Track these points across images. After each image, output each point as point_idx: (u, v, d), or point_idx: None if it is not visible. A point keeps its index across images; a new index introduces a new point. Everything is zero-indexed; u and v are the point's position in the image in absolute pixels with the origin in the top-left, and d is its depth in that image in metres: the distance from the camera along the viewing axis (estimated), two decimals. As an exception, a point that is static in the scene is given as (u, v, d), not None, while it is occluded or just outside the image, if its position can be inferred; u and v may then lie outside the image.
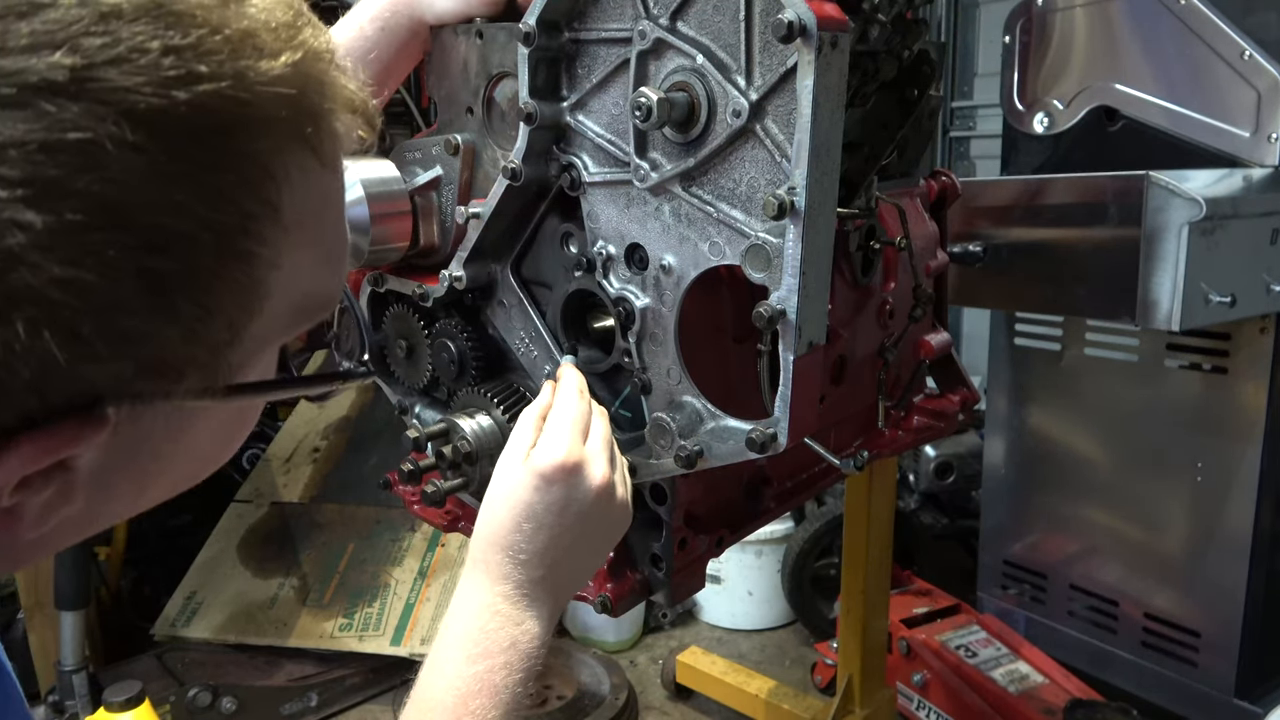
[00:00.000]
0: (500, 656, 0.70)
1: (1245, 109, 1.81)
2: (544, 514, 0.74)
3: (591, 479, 0.75)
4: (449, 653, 0.71)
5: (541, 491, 0.74)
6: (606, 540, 0.80)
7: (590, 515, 0.75)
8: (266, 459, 3.10)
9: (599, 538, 0.78)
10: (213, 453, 0.50)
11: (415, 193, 1.01)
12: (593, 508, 0.75)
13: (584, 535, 0.76)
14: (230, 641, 2.55)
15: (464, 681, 0.69)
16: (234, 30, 0.37)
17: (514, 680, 0.70)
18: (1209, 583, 2.02)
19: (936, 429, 1.38)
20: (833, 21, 0.73)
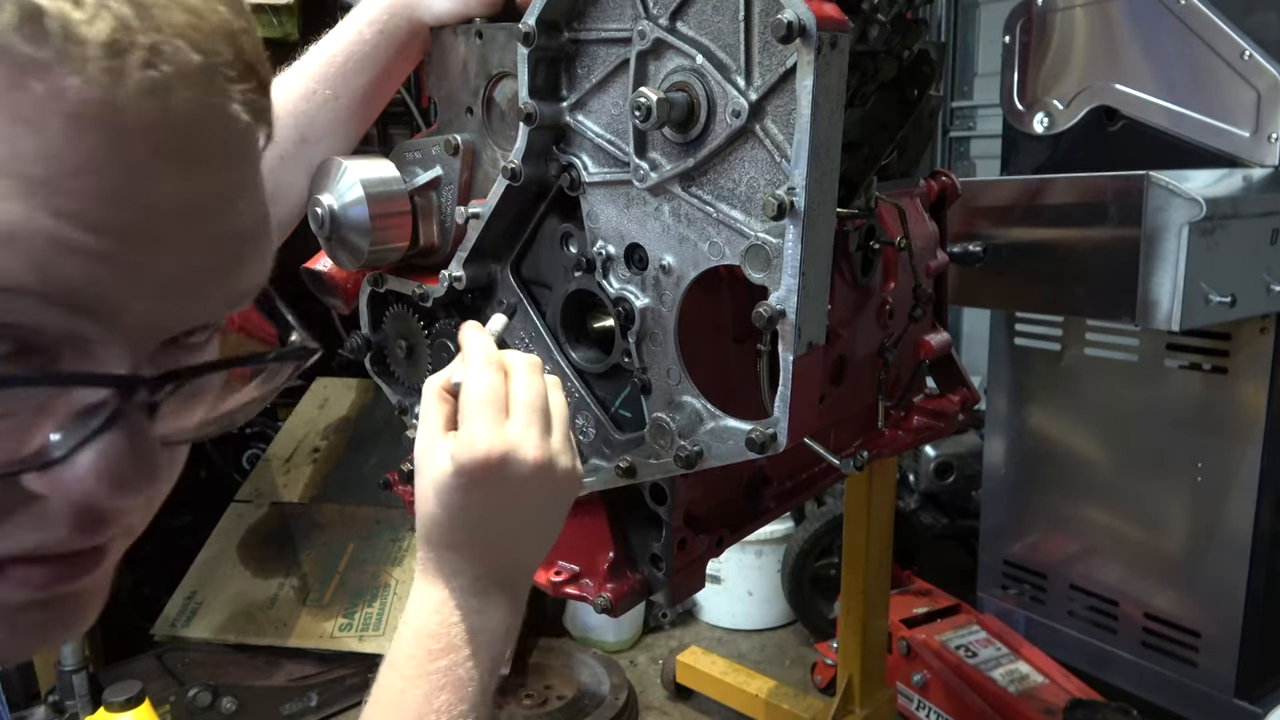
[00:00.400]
0: (464, 650, 0.68)
1: (1245, 109, 1.81)
2: (476, 513, 0.69)
3: (523, 463, 0.68)
4: (409, 650, 0.68)
5: (470, 492, 0.68)
6: (557, 514, 0.74)
7: (530, 500, 0.70)
8: (266, 459, 3.10)
9: (547, 516, 0.74)
10: None
11: (415, 193, 1.01)
12: (533, 492, 0.69)
13: (530, 519, 0.72)
14: (230, 641, 2.55)
15: (427, 678, 0.66)
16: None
17: (480, 672, 0.68)
18: (1209, 583, 2.02)
19: (936, 429, 1.38)
20: (832, 21, 0.73)
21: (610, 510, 1.00)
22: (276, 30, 2.75)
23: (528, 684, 2.61)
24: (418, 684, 0.66)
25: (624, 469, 0.90)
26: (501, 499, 0.69)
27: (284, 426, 3.22)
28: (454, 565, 0.70)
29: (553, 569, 1.06)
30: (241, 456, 3.18)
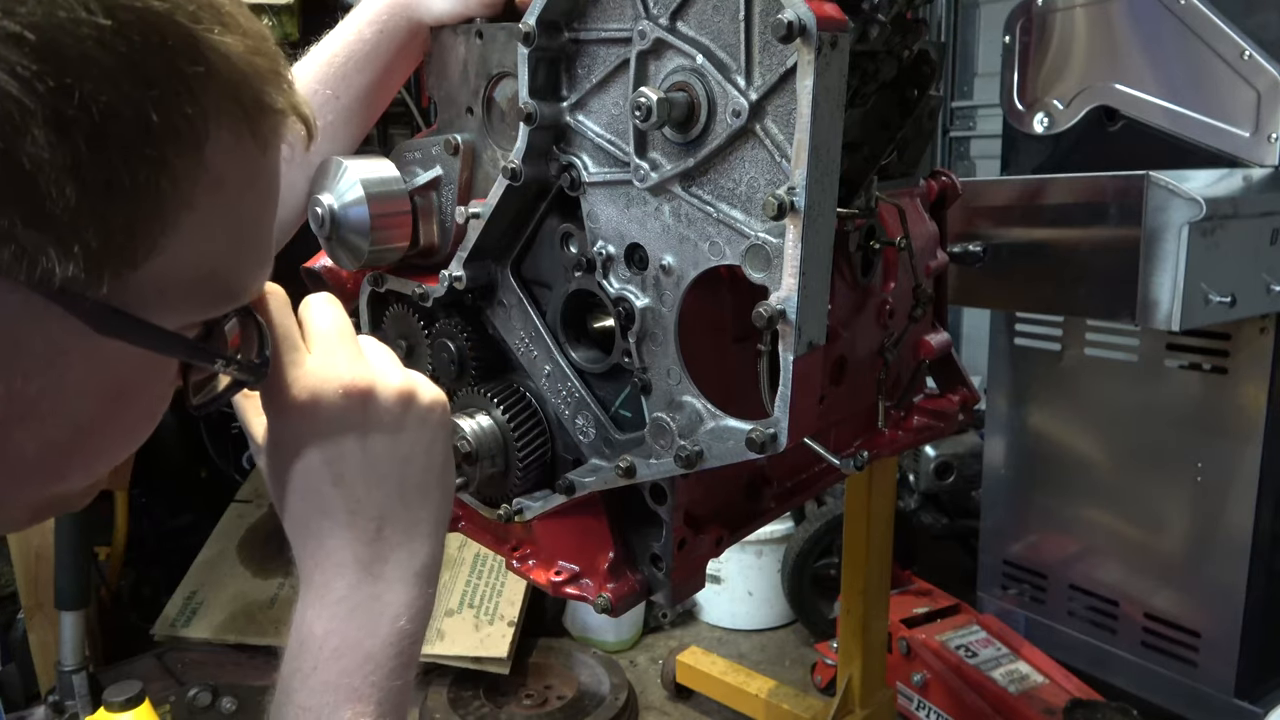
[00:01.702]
0: (360, 649, 0.58)
1: (1245, 109, 1.81)
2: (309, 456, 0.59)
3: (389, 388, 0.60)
4: (296, 664, 0.58)
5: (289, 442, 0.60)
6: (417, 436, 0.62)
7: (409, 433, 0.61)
8: (266, 459, 3.10)
9: (431, 450, 0.63)
10: (92, 421, 0.47)
11: (415, 193, 1.01)
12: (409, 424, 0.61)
13: (412, 458, 0.61)
14: (230, 641, 2.55)
15: (318, 694, 0.57)
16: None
17: (387, 671, 0.58)
18: (1209, 583, 2.02)
19: (936, 429, 1.38)
20: (832, 21, 0.73)
21: (610, 510, 1.00)
22: (276, 30, 2.75)
23: (528, 684, 2.61)
24: (310, 702, 0.57)
25: (624, 469, 0.90)
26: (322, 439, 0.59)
27: (284, 426, 3.21)
28: (329, 552, 0.60)
29: (553, 569, 1.06)
30: (241, 456, 3.19)
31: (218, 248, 0.47)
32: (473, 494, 1.05)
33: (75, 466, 0.49)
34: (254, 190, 0.48)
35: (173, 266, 0.44)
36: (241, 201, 0.47)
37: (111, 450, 0.50)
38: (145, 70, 0.40)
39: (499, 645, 2.54)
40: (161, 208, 0.42)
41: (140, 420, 0.50)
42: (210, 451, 3.17)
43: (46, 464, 0.47)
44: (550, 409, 1.00)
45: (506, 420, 0.99)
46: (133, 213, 0.41)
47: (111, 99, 0.39)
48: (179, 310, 0.47)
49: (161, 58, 0.41)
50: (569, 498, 0.97)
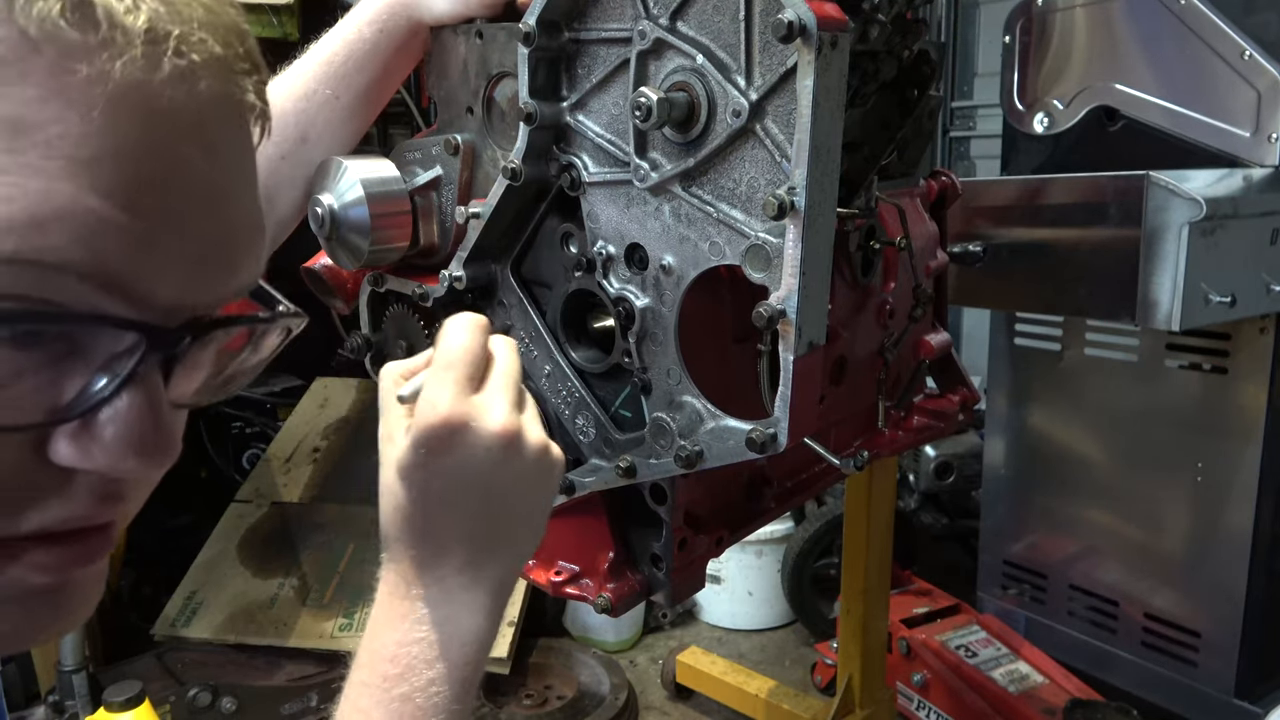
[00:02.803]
0: (424, 673, 0.59)
1: (1245, 109, 1.81)
2: (438, 491, 0.61)
3: (489, 432, 0.61)
4: (362, 676, 0.61)
5: (428, 466, 0.61)
6: (534, 496, 0.66)
7: (500, 475, 0.62)
8: (266, 459, 3.10)
9: (522, 497, 0.65)
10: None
11: (415, 193, 1.01)
12: (501, 466, 0.62)
13: (503, 500, 0.63)
14: (230, 641, 2.55)
15: (382, 710, 0.59)
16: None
17: (446, 697, 0.60)
18: (1209, 583, 2.02)
19: (936, 429, 1.38)
20: (833, 21, 0.73)
21: (610, 510, 1.00)
22: (276, 30, 2.75)
23: (528, 684, 2.61)
24: (372, 716, 0.59)
25: (624, 469, 0.90)
26: (464, 472, 0.61)
27: (284, 426, 3.22)
28: (417, 567, 0.62)
29: (553, 569, 1.06)
30: (241, 456, 3.19)
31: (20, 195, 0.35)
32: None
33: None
34: (52, 93, 0.35)
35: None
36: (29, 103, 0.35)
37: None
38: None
39: (499, 645, 2.54)
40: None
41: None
42: (210, 451, 3.17)
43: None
44: (550, 409, 1.00)
45: (506, 420, 0.98)
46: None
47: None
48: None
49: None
50: (569, 498, 0.97)
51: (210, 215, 0.41)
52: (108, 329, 0.38)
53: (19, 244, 0.34)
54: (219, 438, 3.18)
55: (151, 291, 0.39)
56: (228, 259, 0.43)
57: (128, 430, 0.39)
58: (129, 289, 0.38)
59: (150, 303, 0.39)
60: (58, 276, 0.36)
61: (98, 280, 0.37)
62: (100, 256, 0.36)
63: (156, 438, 0.41)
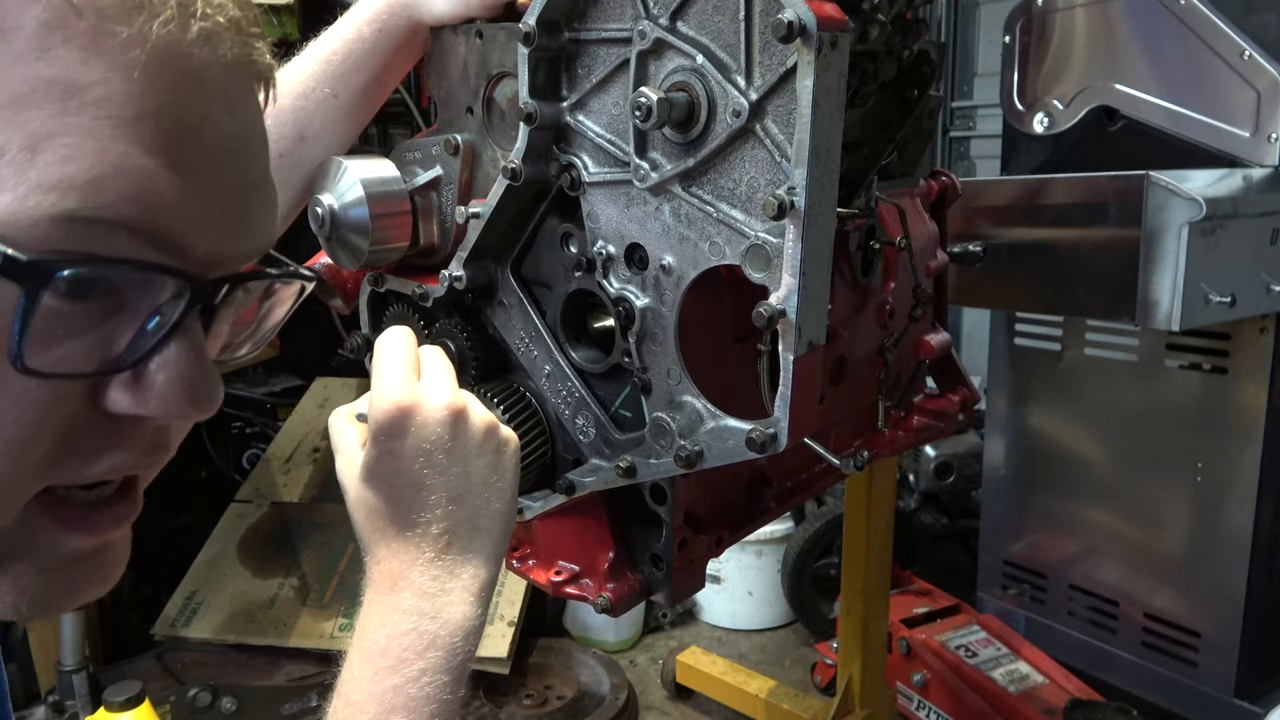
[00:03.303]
0: (416, 662, 0.61)
1: (1245, 109, 1.81)
2: (403, 469, 0.64)
3: (435, 409, 0.65)
4: (354, 671, 0.62)
5: (387, 455, 0.64)
6: (495, 470, 0.68)
7: (456, 446, 0.65)
8: (266, 459, 3.10)
9: (483, 469, 0.67)
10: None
11: (415, 193, 1.01)
12: (453, 438, 0.65)
13: (462, 472, 0.65)
14: (230, 641, 2.55)
15: (375, 701, 0.60)
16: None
17: (437, 686, 0.61)
18: (1209, 583, 2.02)
19: (936, 429, 1.38)
20: (833, 21, 0.73)
21: (610, 510, 1.00)
22: (276, 30, 2.75)
23: (528, 684, 2.61)
24: (365, 709, 0.60)
25: (624, 469, 0.90)
26: (422, 450, 0.64)
27: (284, 426, 3.22)
28: (399, 558, 0.64)
29: (553, 569, 1.06)
30: (241, 456, 3.19)
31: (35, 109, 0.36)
32: (473, 494, 1.05)
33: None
34: (59, 50, 0.36)
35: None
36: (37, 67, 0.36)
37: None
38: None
39: (499, 645, 2.54)
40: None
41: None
42: (210, 451, 3.17)
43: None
44: (550, 409, 1.00)
45: (506, 420, 0.98)
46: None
47: None
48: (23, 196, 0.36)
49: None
50: (569, 498, 0.97)
51: (235, 170, 0.43)
52: (158, 280, 0.40)
53: (79, 202, 0.36)
54: (219, 438, 3.18)
55: (192, 245, 0.41)
56: (253, 214, 0.45)
57: (178, 376, 0.42)
58: (173, 243, 0.40)
59: (190, 255, 0.41)
60: (112, 232, 0.38)
61: (147, 235, 0.39)
62: (150, 212, 0.38)
63: (204, 384, 0.44)
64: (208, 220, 0.42)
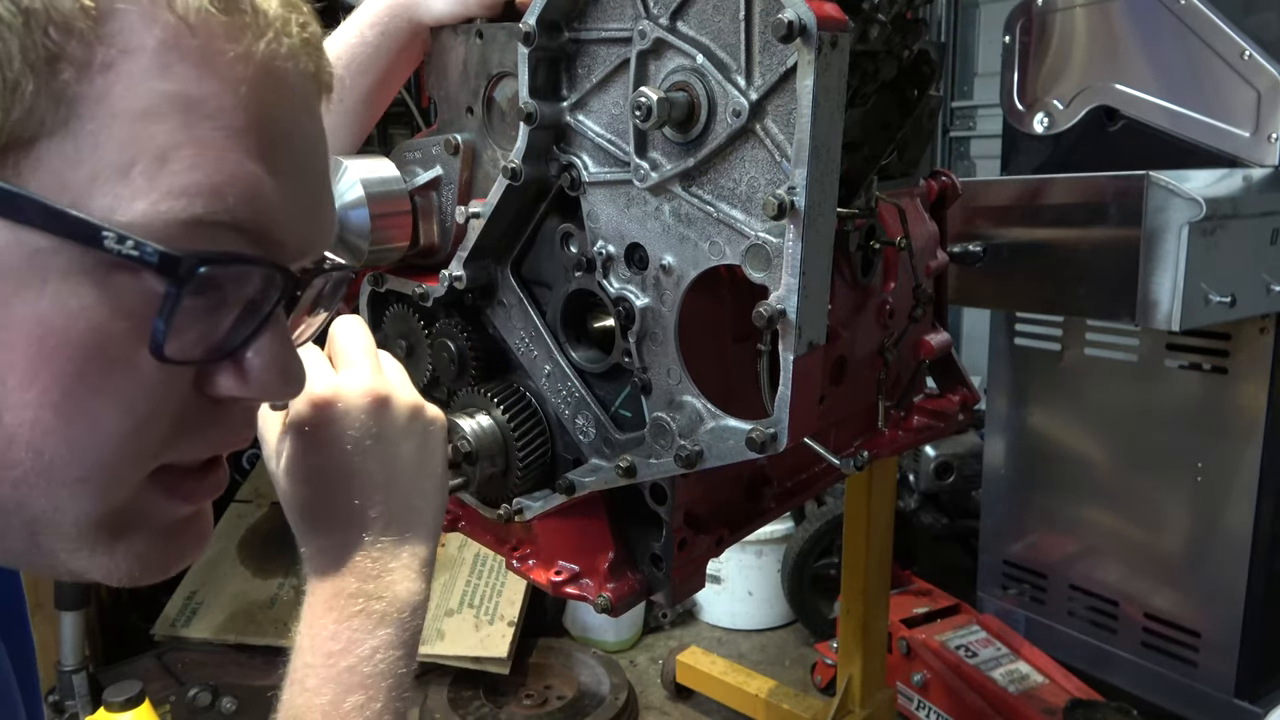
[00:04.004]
0: (367, 641, 0.61)
1: (1245, 109, 1.81)
2: (329, 462, 0.64)
3: (354, 393, 0.65)
4: (306, 659, 0.62)
5: (314, 445, 0.64)
6: (422, 450, 0.68)
7: (380, 433, 0.65)
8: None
9: (409, 451, 0.67)
10: (40, 397, 0.40)
11: (415, 193, 1.01)
12: (376, 425, 0.65)
13: (388, 458, 0.65)
14: (230, 641, 2.55)
15: (330, 684, 0.60)
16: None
17: (391, 659, 0.61)
18: (1209, 583, 2.02)
19: (936, 429, 1.38)
20: (833, 21, 0.73)
21: (610, 510, 1.00)
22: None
23: (528, 684, 2.61)
24: (321, 693, 0.60)
25: (624, 469, 0.90)
26: (346, 440, 0.64)
27: (284, 426, 3.22)
28: (334, 543, 0.64)
29: (553, 569, 1.06)
30: (241, 456, 3.18)
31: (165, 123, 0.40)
32: (473, 494, 1.05)
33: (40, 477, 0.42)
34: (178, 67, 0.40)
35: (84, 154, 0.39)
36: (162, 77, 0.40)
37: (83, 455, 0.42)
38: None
39: (499, 645, 2.54)
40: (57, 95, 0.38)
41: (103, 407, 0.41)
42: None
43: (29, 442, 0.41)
44: (550, 409, 1.00)
45: (506, 420, 0.99)
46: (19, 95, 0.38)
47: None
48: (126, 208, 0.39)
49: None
50: (569, 497, 0.97)
51: (315, 171, 0.49)
52: (257, 273, 0.45)
53: (205, 207, 0.41)
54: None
55: (284, 241, 0.46)
56: (325, 210, 0.51)
57: (273, 360, 0.47)
58: (273, 239, 0.45)
59: (283, 250, 0.46)
60: (227, 233, 0.42)
61: (254, 234, 0.44)
62: (257, 213, 0.43)
63: (295, 365, 0.49)
64: (297, 218, 0.46)
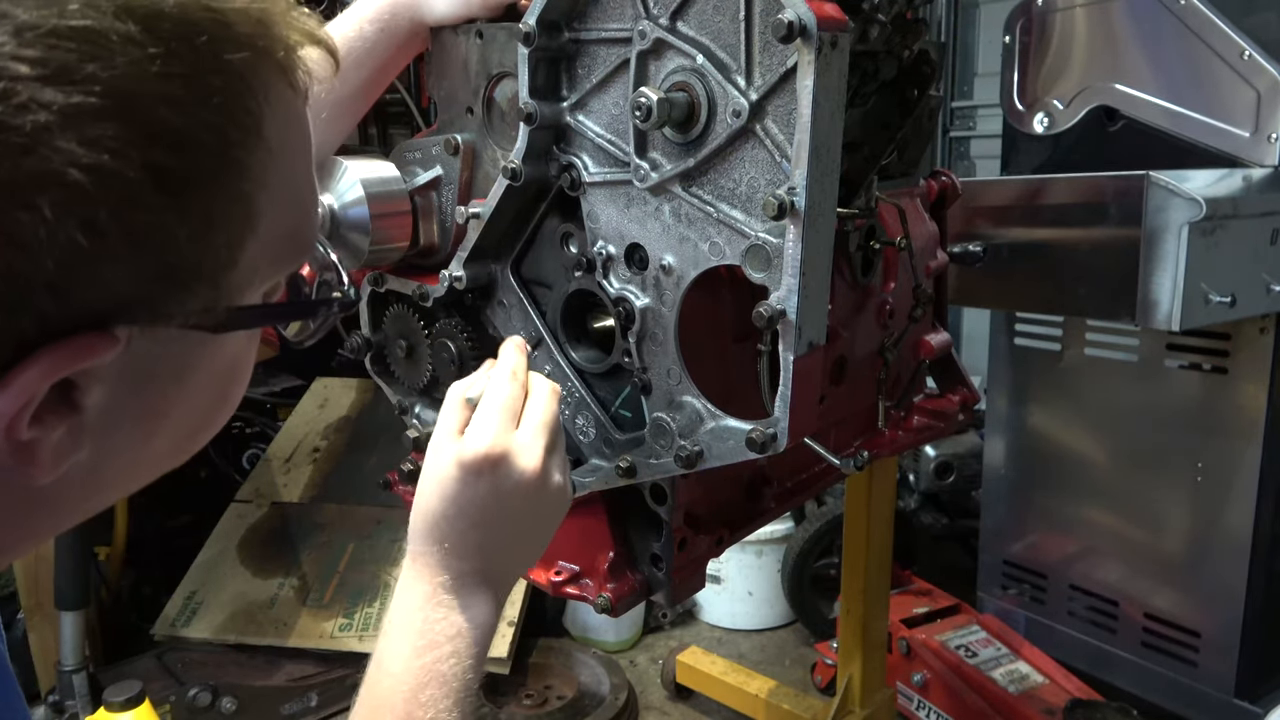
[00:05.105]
0: (447, 645, 0.69)
1: (1245, 109, 1.81)
2: (471, 508, 0.72)
3: (521, 469, 0.72)
4: (394, 646, 0.69)
5: (468, 485, 0.71)
6: (542, 529, 0.77)
7: (521, 506, 0.73)
8: (266, 459, 3.10)
9: (533, 527, 0.76)
10: (214, 401, 0.51)
11: (415, 193, 1.01)
12: (523, 499, 0.73)
13: (517, 526, 0.74)
14: (230, 641, 2.55)
15: (412, 674, 0.68)
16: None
17: (463, 668, 0.69)
18: (1209, 583, 2.02)
19: (936, 429, 1.39)
20: (833, 21, 0.73)
21: (610, 510, 1.00)
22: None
23: (528, 684, 2.61)
24: (403, 680, 0.67)
25: (624, 469, 0.90)
26: (492, 499, 0.72)
27: (284, 426, 3.22)
28: (441, 561, 0.72)
29: (553, 569, 1.06)
30: (241, 456, 3.18)
31: (287, 209, 0.47)
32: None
33: (195, 445, 0.53)
34: (299, 136, 0.48)
35: (263, 244, 0.45)
36: (295, 156, 0.47)
37: (222, 420, 0.54)
38: (204, 83, 0.40)
39: (499, 645, 2.53)
40: (248, 209, 0.43)
41: (243, 385, 0.54)
42: (210, 451, 3.17)
43: (175, 453, 0.51)
44: (550, 409, 1.00)
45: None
46: (228, 227, 0.43)
47: (191, 129, 0.39)
48: (269, 278, 0.48)
49: (210, 60, 0.40)
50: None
51: None
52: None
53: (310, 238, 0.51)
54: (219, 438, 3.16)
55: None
56: None
57: None
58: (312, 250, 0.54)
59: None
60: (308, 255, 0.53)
61: None
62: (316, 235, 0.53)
63: None
64: None
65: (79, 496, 0.47)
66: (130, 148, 0.37)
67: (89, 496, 0.47)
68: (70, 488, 0.45)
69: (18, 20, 0.34)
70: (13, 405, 0.38)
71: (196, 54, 0.39)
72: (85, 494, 0.47)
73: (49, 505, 0.46)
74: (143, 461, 0.48)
